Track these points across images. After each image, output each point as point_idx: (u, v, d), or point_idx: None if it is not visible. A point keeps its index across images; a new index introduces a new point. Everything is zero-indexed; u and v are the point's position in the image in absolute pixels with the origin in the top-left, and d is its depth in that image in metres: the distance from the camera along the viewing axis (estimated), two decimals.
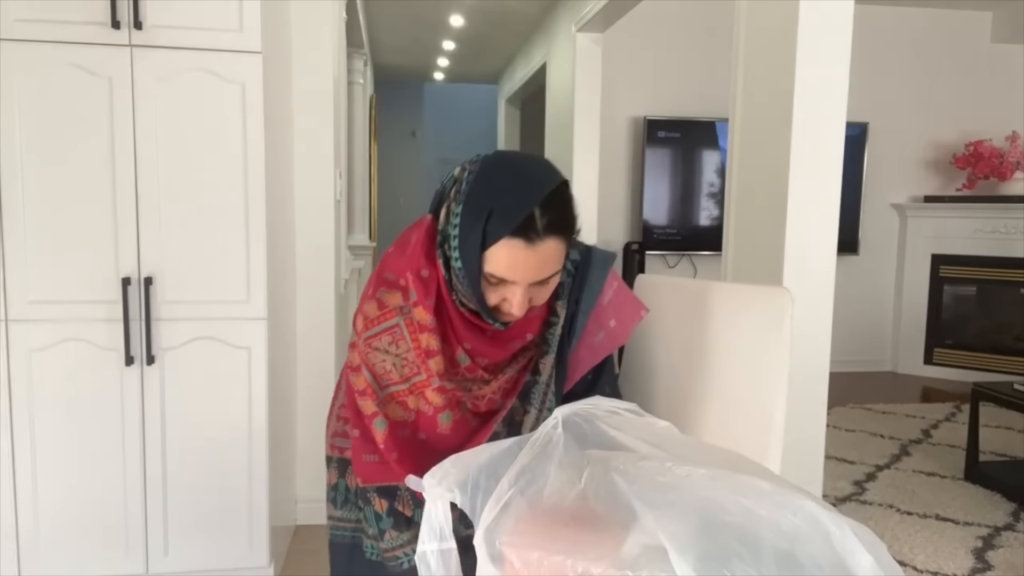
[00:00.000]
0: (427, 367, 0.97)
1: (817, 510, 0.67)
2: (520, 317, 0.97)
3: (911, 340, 5.21)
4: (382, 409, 1.00)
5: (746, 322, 1.31)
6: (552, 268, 0.93)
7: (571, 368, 1.02)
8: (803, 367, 2.15)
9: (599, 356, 1.03)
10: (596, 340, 1.03)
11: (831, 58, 2.11)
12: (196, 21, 1.93)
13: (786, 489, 0.70)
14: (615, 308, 1.04)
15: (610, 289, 1.05)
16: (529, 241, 0.89)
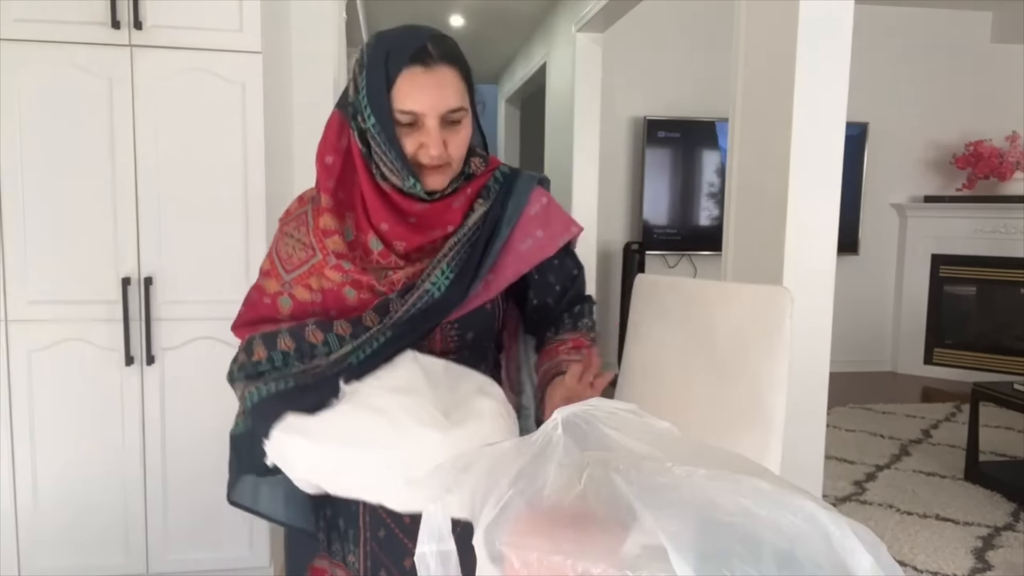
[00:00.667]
0: (324, 246, 1.03)
1: (817, 510, 0.68)
2: (440, 162, 0.99)
3: (911, 340, 5.21)
4: (287, 290, 1.06)
5: (746, 322, 1.31)
6: (454, 98, 0.98)
7: (498, 271, 1.05)
8: (803, 367, 2.15)
9: (528, 262, 1.07)
10: (523, 247, 1.06)
11: (831, 58, 2.11)
12: (196, 21, 1.93)
13: (786, 489, 0.70)
14: (542, 220, 1.08)
15: (537, 203, 1.09)
16: (426, 66, 0.96)
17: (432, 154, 0.98)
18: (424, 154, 0.99)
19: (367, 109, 0.98)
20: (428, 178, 1.01)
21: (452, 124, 0.99)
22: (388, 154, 0.99)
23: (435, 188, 1.03)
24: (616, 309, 4.91)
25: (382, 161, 1.00)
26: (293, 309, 1.06)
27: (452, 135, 1.00)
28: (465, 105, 1.00)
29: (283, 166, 2.37)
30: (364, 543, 1.09)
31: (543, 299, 1.14)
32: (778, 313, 1.25)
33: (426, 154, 0.99)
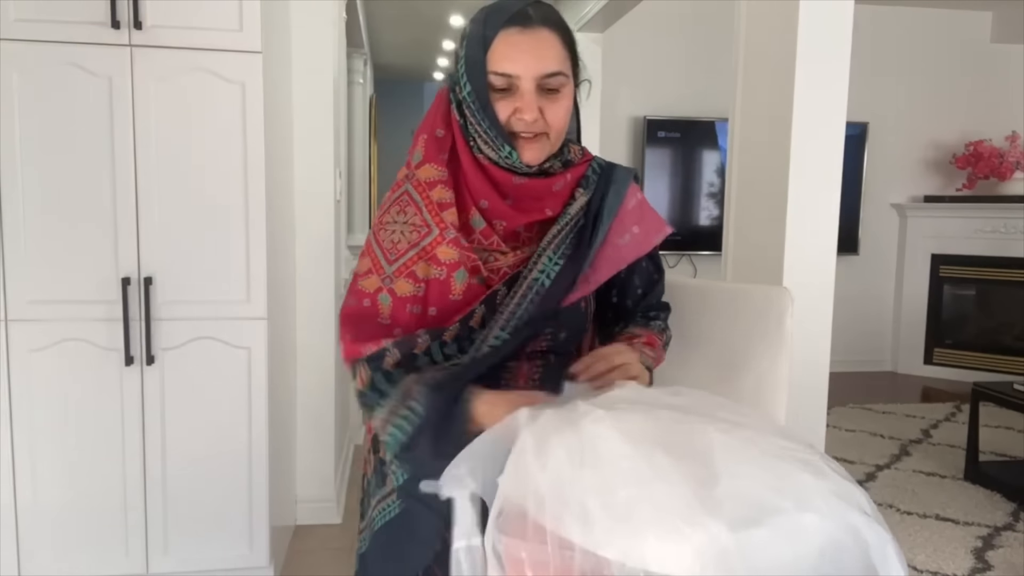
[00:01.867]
0: (440, 220, 0.95)
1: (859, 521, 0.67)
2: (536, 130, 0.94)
3: (911, 340, 5.21)
4: (387, 285, 0.96)
5: (746, 322, 1.31)
6: (553, 62, 0.93)
7: (596, 267, 1.00)
8: (803, 367, 2.15)
9: (624, 259, 1.03)
10: (621, 241, 1.02)
11: (831, 58, 2.11)
12: (196, 21, 1.93)
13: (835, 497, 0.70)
14: (637, 216, 1.05)
15: (633, 198, 1.06)
16: (523, 27, 0.92)
17: (526, 119, 0.93)
18: (518, 121, 0.94)
19: (464, 77, 0.95)
20: (524, 149, 0.96)
21: (550, 92, 0.94)
22: (483, 122, 0.94)
23: (531, 161, 0.97)
24: None
25: (477, 132, 0.96)
26: (393, 307, 0.96)
27: (550, 103, 0.94)
28: (566, 71, 0.95)
29: (283, 166, 2.37)
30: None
31: (623, 300, 1.11)
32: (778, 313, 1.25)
33: (520, 120, 0.94)
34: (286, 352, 2.43)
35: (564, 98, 0.96)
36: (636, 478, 0.70)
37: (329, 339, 2.66)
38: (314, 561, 2.39)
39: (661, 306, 1.16)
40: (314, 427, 2.67)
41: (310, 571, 2.33)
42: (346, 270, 3.06)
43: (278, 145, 2.25)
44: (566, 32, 0.97)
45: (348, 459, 3.22)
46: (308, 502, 2.66)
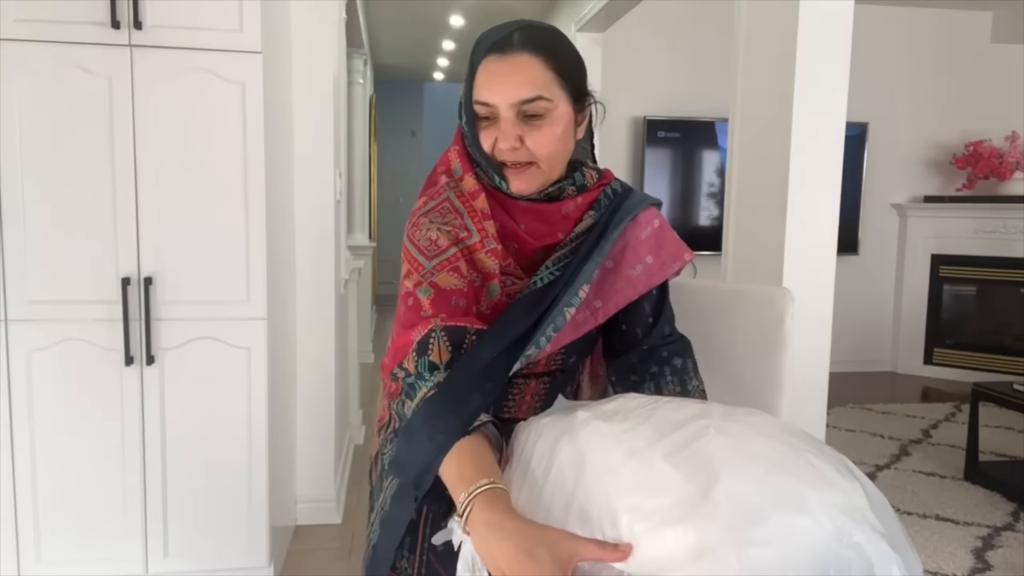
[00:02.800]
0: (482, 228, 0.94)
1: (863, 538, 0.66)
2: (516, 159, 0.92)
3: (911, 340, 5.21)
4: (428, 279, 0.91)
5: (746, 322, 1.31)
6: (530, 87, 0.89)
7: (607, 296, 0.98)
8: (803, 367, 2.15)
9: (636, 289, 0.99)
10: (634, 272, 0.99)
11: (831, 58, 2.11)
12: (196, 21, 1.93)
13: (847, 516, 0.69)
14: (653, 245, 1.01)
15: (649, 226, 1.02)
16: (502, 53, 0.90)
17: (501, 147, 0.91)
18: (499, 151, 0.93)
19: (460, 108, 0.95)
20: (511, 179, 0.94)
21: (532, 118, 0.91)
22: (475, 153, 0.95)
23: (519, 191, 0.95)
24: None
25: (475, 161, 0.96)
26: (434, 298, 0.90)
27: (531, 130, 0.92)
28: (549, 96, 0.91)
29: (283, 166, 2.37)
30: (421, 552, 1.00)
31: (632, 328, 1.07)
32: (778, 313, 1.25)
33: (500, 150, 0.92)
34: (286, 352, 2.43)
35: (549, 124, 0.92)
36: (635, 484, 0.70)
37: (329, 339, 2.66)
38: (314, 561, 2.39)
39: (677, 341, 1.08)
40: (314, 427, 2.67)
41: (310, 571, 2.33)
42: (346, 270, 3.06)
43: (278, 145, 2.25)
44: (553, 55, 0.92)
45: (348, 459, 3.22)
46: (308, 502, 2.66)
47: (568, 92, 0.93)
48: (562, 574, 0.67)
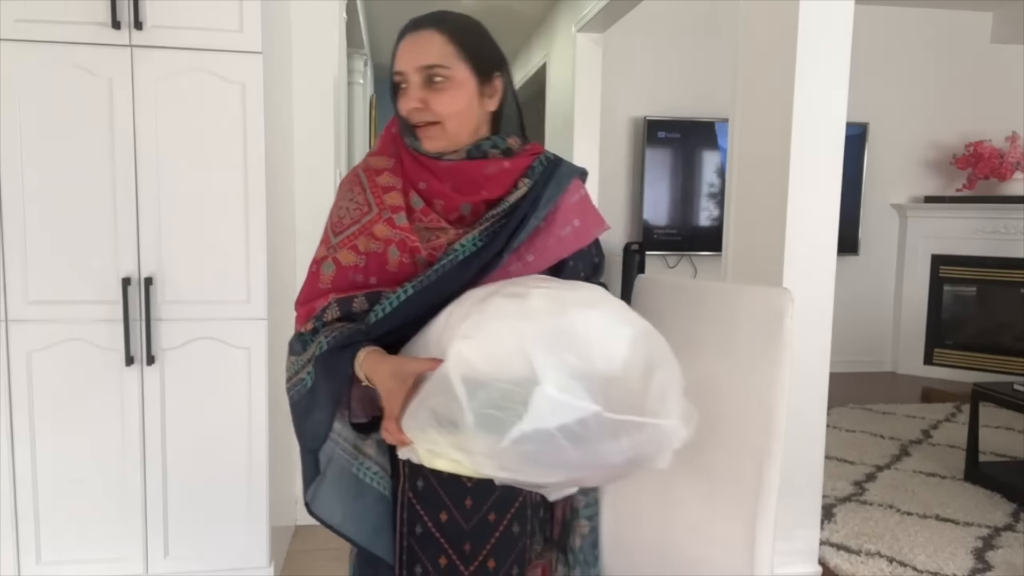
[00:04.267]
0: (381, 201, 1.08)
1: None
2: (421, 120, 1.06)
3: (911, 340, 5.21)
4: (331, 254, 1.09)
5: (746, 322, 1.31)
6: (431, 56, 1.03)
7: (539, 253, 1.08)
8: (803, 367, 2.15)
9: (566, 248, 1.11)
10: (563, 232, 1.10)
11: (831, 58, 2.11)
12: (196, 21, 1.93)
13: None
14: (580, 210, 1.14)
15: (577, 193, 1.14)
16: (413, 31, 1.05)
17: (408, 108, 1.05)
18: (408, 111, 1.06)
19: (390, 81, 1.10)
20: (422, 138, 1.07)
21: (433, 82, 1.04)
22: (399, 118, 1.09)
23: (428, 149, 1.08)
24: None
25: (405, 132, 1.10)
26: (336, 274, 1.08)
27: (433, 94, 1.04)
28: (447, 65, 1.04)
29: (283, 166, 2.37)
30: (400, 538, 1.12)
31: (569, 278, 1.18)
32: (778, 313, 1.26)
33: (408, 111, 1.05)
34: (286, 352, 2.42)
35: (448, 89, 1.05)
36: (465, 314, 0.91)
37: None
38: (314, 561, 2.39)
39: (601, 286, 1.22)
40: None
41: (310, 571, 2.33)
42: None
43: (278, 145, 2.25)
44: (456, 32, 1.06)
45: None
46: None
47: (470, 65, 1.06)
48: (401, 384, 0.90)
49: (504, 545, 1.11)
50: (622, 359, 0.86)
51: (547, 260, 1.09)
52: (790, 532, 2.21)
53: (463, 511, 1.10)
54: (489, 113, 1.12)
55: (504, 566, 1.12)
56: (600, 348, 0.85)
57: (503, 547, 1.11)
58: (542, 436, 0.80)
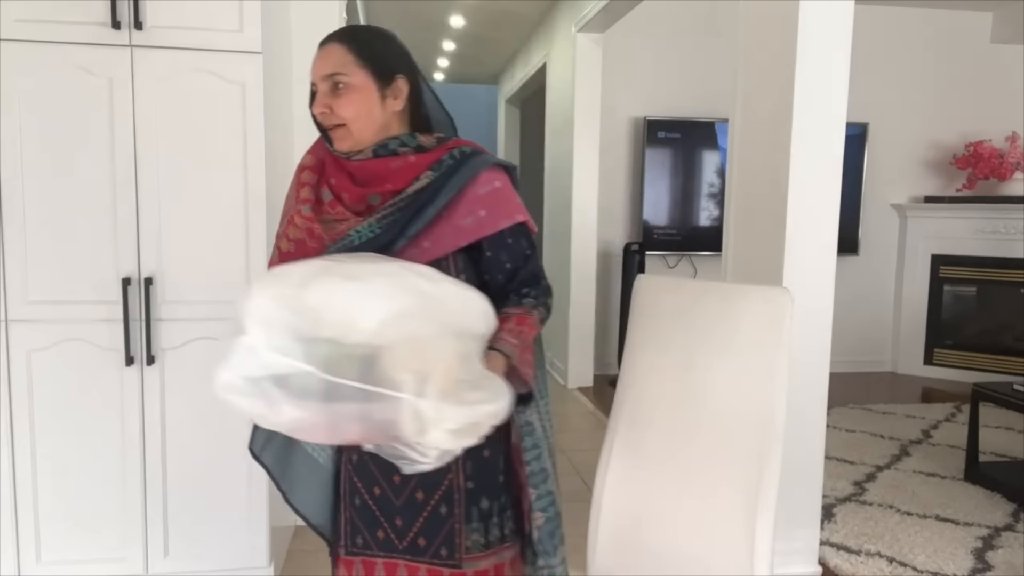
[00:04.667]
0: (299, 196, 1.19)
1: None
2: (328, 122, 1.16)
3: (911, 340, 5.21)
4: (276, 242, 1.23)
5: (746, 322, 1.31)
6: (331, 65, 1.14)
7: (435, 239, 1.14)
8: (803, 367, 2.15)
9: (464, 237, 1.15)
10: (464, 222, 1.15)
11: (831, 58, 2.11)
12: (196, 21, 1.93)
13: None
14: (489, 202, 1.17)
15: (488, 185, 1.17)
16: (321, 46, 1.16)
17: (316, 112, 1.15)
18: (319, 115, 1.16)
19: None
20: (334, 139, 1.17)
21: (335, 88, 1.14)
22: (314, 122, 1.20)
23: (338, 148, 1.17)
24: (616, 309, 4.91)
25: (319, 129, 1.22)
26: (277, 260, 1.20)
27: (336, 99, 1.14)
28: (346, 72, 1.13)
29: (283, 166, 2.37)
30: (344, 508, 1.23)
31: (494, 276, 1.21)
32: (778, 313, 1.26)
33: (318, 115, 1.16)
34: None
35: (347, 93, 1.14)
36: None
37: None
38: (314, 561, 2.39)
39: (534, 281, 1.23)
40: None
41: (310, 571, 2.33)
42: None
43: (278, 145, 2.25)
44: (355, 43, 1.15)
45: None
46: None
47: (369, 70, 1.15)
48: None
49: (432, 525, 1.18)
50: (368, 331, 0.91)
51: (443, 247, 1.14)
52: (790, 532, 2.21)
53: (393, 487, 1.18)
54: (397, 113, 1.19)
55: (433, 545, 1.18)
56: (338, 318, 0.91)
57: (432, 526, 1.18)
58: (254, 385, 0.93)
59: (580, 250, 4.63)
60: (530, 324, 1.17)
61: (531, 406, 1.22)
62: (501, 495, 1.22)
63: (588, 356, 4.73)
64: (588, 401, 4.42)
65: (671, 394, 1.48)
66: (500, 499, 1.22)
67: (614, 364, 4.88)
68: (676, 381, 1.47)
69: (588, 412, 4.24)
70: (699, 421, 1.46)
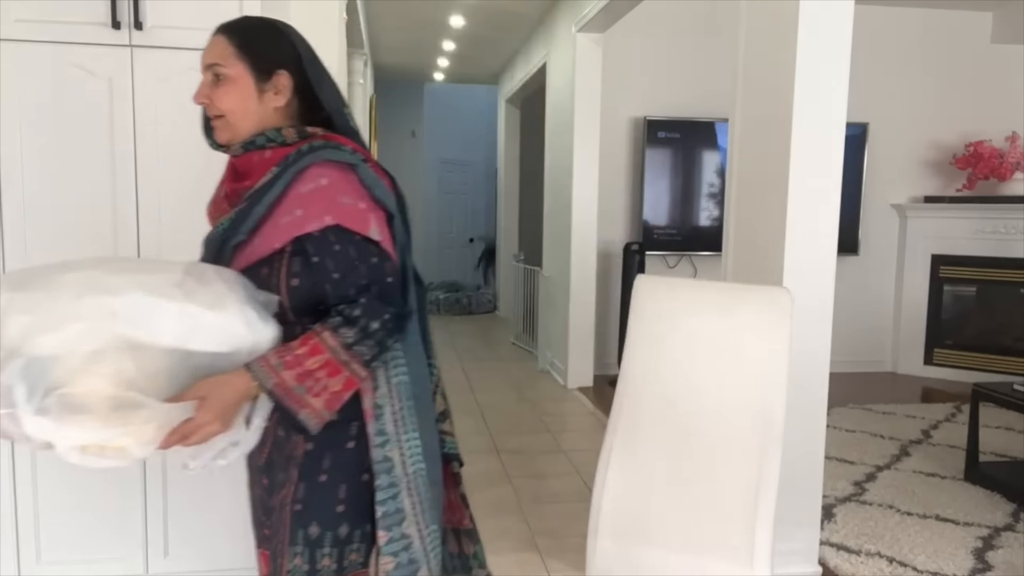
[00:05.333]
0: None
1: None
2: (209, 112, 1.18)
3: (911, 340, 5.22)
4: None
5: (746, 322, 1.31)
6: (211, 55, 1.15)
7: (260, 237, 1.11)
8: (803, 367, 2.15)
9: (279, 236, 1.10)
10: (283, 220, 1.10)
11: (831, 58, 2.11)
12: (196, 21, 1.93)
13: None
14: (306, 200, 1.09)
15: (313, 182, 1.10)
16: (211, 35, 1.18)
17: (196, 100, 1.17)
18: (202, 106, 1.18)
19: None
20: (215, 130, 1.19)
21: (216, 79, 1.15)
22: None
23: (220, 141, 1.19)
24: (616, 309, 4.91)
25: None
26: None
27: (215, 89, 1.15)
28: (224, 63, 1.14)
29: None
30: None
31: (321, 285, 1.09)
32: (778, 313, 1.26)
33: (203, 106, 1.18)
34: None
35: (226, 85, 1.14)
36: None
37: None
38: None
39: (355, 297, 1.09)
40: None
41: None
42: None
43: None
44: (236, 36, 1.15)
45: None
46: None
47: (247, 63, 1.14)
48: None
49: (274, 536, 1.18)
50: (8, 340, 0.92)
51: (267, 246, 1.10)
52: (790, 532, 2.21)
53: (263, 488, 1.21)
54: (279, 108, 1.17)
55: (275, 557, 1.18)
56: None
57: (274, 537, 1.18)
58: None
59: (580, 250, 4.63)
60: (314, 347, 1.05)
61: (391, 441, 1.13)
62: (339, 527, 1.12)
63: (588, 356, 4.73)
64: (588, 401, 4.42)
65: (671, 394, 1.48)
66: (337, 531, 1.12)
67: (614, 364, 4.88)
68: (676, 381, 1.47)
69: (588, 412, 4.24)
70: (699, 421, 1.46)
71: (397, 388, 1.15)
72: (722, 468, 1.44)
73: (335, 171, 1.11)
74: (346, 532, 1.13)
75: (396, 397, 1.15)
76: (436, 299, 7.97)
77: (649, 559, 1.49)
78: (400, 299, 1.14)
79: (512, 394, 4.64)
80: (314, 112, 1.19)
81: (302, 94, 1.18)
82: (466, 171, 9.57)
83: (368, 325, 1.07)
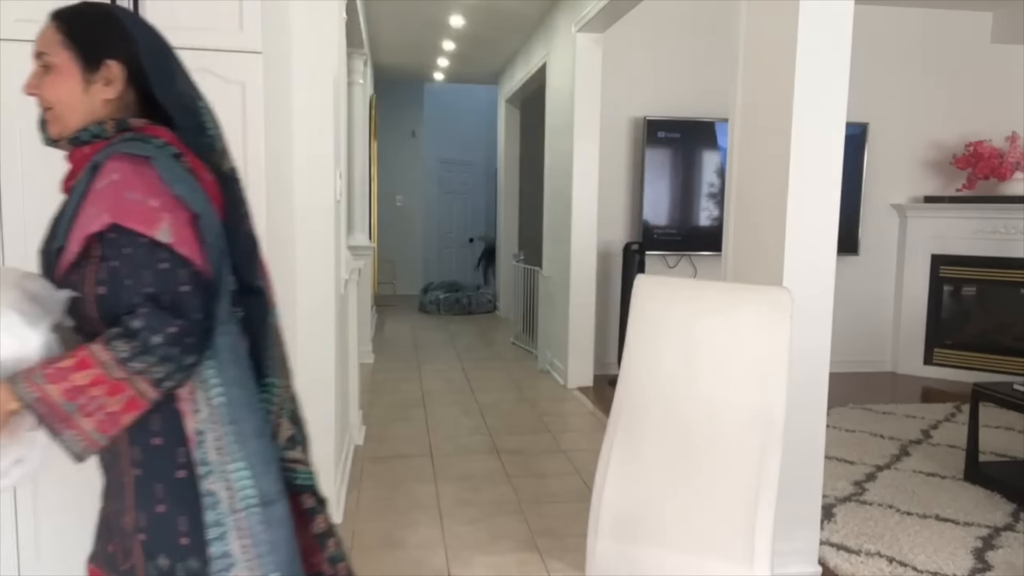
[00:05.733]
0: None
1: None
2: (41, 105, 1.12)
3: (911, 340, 5.22)
4: None
5: (746, 322, 1.31)
6: (42, 45, 1.10)
7: (70, 239, 1.03)
8: (803, 367, 2.15)
9: (76, 237, 1.02)
10: (84, 219, 1.02)
11: (831, 58, 2.11)
12: (196, 21, 1.93)
13: None
14: (99, 197, 1.01)
15: (107, 178, 1.01)
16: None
17: (24, 92, 1.12)
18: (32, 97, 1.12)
19: None
20: (47, 123, 1.12)
21: (45, 69, 1.10)
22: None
23: (51, 134, 1.12)
24: (616, 309, 4.91)
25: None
26: None
27: (43, 79, 1.10)
28: (50, 52, 1.09)
29: (283, 166, 2.37)
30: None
31: (115, 290, 1.00)
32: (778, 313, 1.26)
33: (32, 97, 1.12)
34: None
35: (52, 75, 1.09)
36: None
37: (329, 339, 2.66)
38: None
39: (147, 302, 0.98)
40: (313, 427, 2.65)
41: None
42: (346, 270, 3.06)
43: (278, 145, 2.25)
44: (64, 20, 1.09)
45: (348, 459, 3.22)
46: None
47: (74, 52, 1.09)
48: None
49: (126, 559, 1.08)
50: None
51: (73, 247, 1.02)
52: (790, 532, 2.21)
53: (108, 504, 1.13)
54: (109, 101, 1.09)
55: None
56: None
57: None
58: None
59: (580, 250, 4.63)
60: (83, 360, 0.95)
61: (215, 471, 1.03)
62: (188, 559, 1.03)
63: (588, 356, 4.73)
64: (588, 401, 4.42)
65: (671, 394, 1.48)
66: (187, 562, 1.03)
67: (614, 364, 4.87)
68: (676, 381, 1.47)
69: (588, 412, 4.24)
70: (699, 421, 1.46)
71: (218, 411, 1.04)
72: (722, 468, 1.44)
73: (127, 164, 1.01)
74: (198, 566, 1.03)
75: (218, 422, 1.03)
76: (436, 299, 7.97)
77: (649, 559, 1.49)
78: (198, 311, 1.00)
79: (512, 394, 4.64)
80: (158, 106, 1.10)
81: (140, 86, 1.10)
82: (466, 171, 9.57)
83: (148, 339, 0.96)
